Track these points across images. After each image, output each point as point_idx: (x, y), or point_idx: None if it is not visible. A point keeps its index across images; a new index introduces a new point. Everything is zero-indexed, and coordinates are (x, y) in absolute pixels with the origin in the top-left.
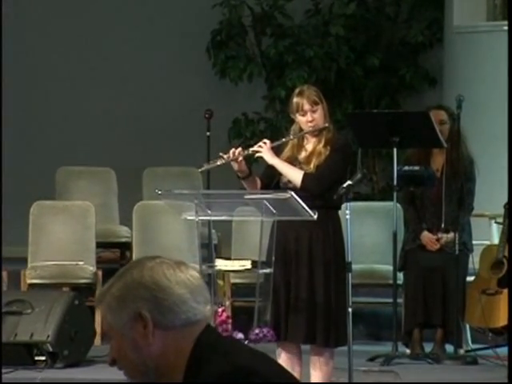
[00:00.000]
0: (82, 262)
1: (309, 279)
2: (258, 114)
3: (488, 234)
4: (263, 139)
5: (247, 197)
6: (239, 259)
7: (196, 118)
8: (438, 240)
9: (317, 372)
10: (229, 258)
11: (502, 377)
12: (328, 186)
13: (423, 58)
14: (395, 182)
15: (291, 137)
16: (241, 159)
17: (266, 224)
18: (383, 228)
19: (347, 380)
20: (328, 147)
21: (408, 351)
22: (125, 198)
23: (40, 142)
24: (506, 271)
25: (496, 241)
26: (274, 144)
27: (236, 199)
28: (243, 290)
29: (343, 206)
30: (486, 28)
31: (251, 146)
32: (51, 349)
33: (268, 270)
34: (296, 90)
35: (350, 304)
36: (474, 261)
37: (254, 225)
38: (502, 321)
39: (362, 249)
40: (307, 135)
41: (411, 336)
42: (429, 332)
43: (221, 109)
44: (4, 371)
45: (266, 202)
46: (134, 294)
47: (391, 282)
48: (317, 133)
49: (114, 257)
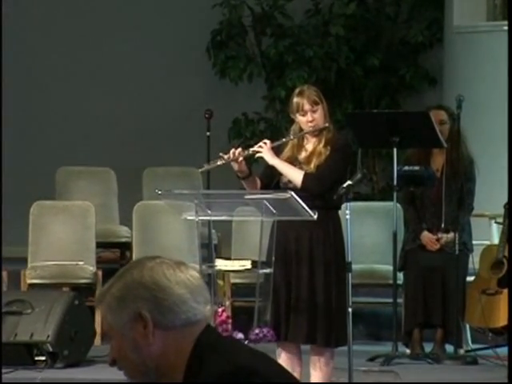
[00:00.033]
0: (82, 262)
1: (309, 279)
2: (258, 114)
3: (488, 234)
4: (263, 139)
5: (247, 197)
6: (239, 259)
7: (196, 118)
8: (438, 240)
9: (317, 372)
10: (229, 258)
11: (501, 377)
12: (328, 186)
13: (423, 58)
14: (395, 182)
15: (291, 137)
16: (241, 159)
17: (265, 224)
18: (383, 228)
19: (347, 380)
20: (328, 147)
21: (408, 351)
22: (125, 198)
23: (40, 142)
24: (506, 271)
25: (496, 241)
26: (275, 144)
27: (236, 199)
28: (243, 290)
29: (343, 206)
30: (486, 28)
31: (251, 146)
32: (51, 349)
33: (268, 270)
34: (296, 90)
35: (350, 304)
36: (474, 261)
37: (254, 225)
38: (502, 321)
39: (362, 249)
40: (307, 135)
41: (411, 336)
42: (429, 332)
43: (221, 109)
44: (4, 371)
45: (265, 201)
46: (134, 294)
47: (391, 282)
48: (317, 133)
49: (114, 257)
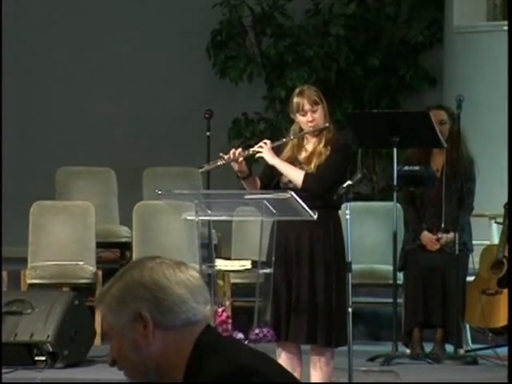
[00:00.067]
0: (82, 262)
1: (310, 279)
2: (258, 114)
3: (488, 234)
4: (263, 139)
5: (247, 197)
6: (239, 259)
7: (196, 118)
8: (438, 240)
9: (317, 372)
10: (229, 258)
11: (501, 377)
12: (329, 186)
13: (423, 58)
14: (395, 182)
15: (291, 137)
16: (241, 160)
17: (265, 224)
18: (383, 228)
19: (347, 380)
20: (328, 147)
21: (408, 351)
22: (125, 198)
23: (40, 142)
24: (506, 271)
25: (496, 241)
26: (275, 144)
27: (236, 199)
28: (243, 290)
29: (343, 206)
30: (486, 28)
31: (251, 146)
32: (51, 349)
33: (268, 270)
34: (296, 90)
35: (350, 304)
36: (474, 261)
37: (254, 225)
38: (502, 321)
39: (362, 249)
40: (307, 135)
41: (411, 336)
42: (429, 332)
43: (221, 109)
44: (4, 371)
45: (265, 201)
46: (134, 294)
47: (391, 282)
48: (317, 133)
49: (114, 257)
